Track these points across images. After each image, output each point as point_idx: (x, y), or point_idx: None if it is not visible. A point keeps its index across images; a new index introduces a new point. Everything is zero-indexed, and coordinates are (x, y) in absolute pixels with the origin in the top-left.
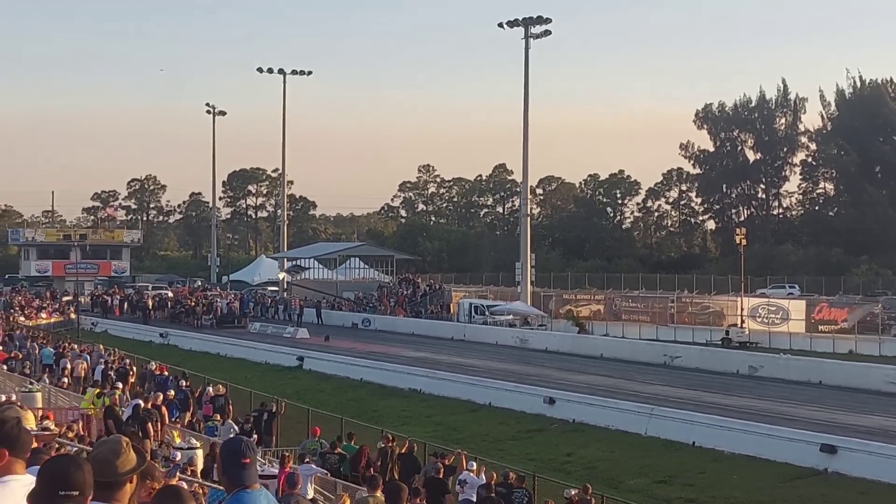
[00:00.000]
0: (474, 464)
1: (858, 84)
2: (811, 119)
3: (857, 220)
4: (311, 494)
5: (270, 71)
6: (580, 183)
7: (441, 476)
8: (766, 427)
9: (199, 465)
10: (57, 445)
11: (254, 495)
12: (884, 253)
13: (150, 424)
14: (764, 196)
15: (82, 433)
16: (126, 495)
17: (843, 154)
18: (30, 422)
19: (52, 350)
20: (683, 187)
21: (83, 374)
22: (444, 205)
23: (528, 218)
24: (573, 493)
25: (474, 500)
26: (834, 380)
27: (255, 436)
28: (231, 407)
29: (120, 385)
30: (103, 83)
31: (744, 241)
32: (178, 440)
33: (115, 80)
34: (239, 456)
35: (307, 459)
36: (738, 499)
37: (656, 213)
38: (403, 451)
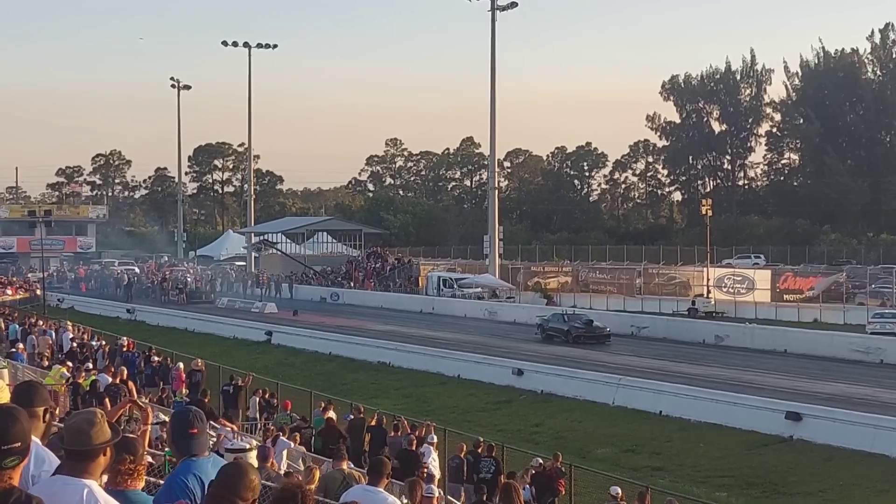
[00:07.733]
0: (435, 437)
1: (822, 55)
2: (776, 90)
3: (821, 190)
4: (284, 469)
5: (235, 44)
6: (547, 156)
7: (414, 448)
8: (731, 395)
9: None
10: None
11: (202, 462)
12: (848, 222)
13: (110, 399)
14: (730, 167)
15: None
16: (99, 468)
17: (806, 124)
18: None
19: (17, 326)
20: (650, 159)
21: (50, 352)
22: (412, 178)
23: (496, 191)
24: (540, 461)
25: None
26: (799, 348)
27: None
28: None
29: (90, 364)
30: (67, 57)
31: (710, 212)
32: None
33: (78, 54)
34: (187, 426)
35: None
36: (704, 466)
37: (623, 185)
38: (373, 423)
